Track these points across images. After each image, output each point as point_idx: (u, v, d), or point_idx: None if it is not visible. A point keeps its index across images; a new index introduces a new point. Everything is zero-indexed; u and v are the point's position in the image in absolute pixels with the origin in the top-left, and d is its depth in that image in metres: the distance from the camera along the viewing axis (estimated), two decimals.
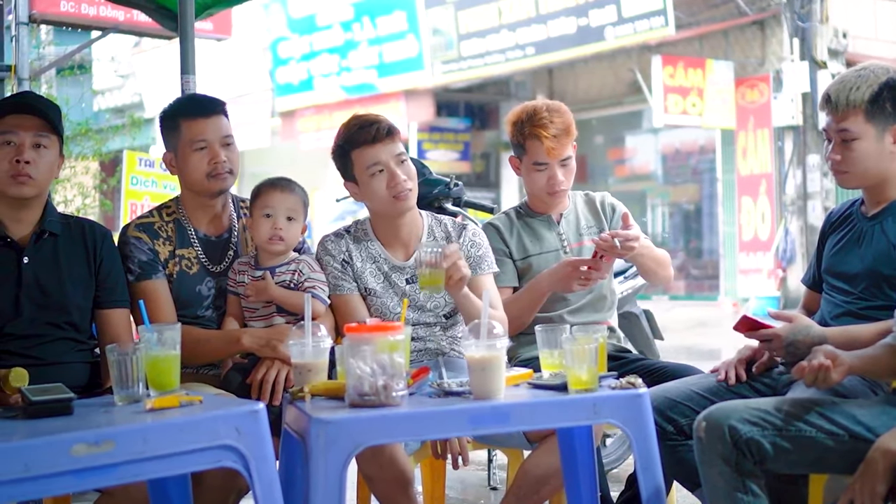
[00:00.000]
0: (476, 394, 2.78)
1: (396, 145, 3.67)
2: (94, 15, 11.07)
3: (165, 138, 3.79)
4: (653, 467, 2.87)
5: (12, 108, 3.43)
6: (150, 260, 3.64)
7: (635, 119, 19.76)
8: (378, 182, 3.63)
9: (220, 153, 3.68)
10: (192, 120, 3.70)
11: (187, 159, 3.69)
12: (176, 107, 3.83)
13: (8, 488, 2.28)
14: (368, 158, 3.63)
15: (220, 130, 3.71)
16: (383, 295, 3.72)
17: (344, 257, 3.73)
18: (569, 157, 4.01)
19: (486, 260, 3.78)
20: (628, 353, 4.17)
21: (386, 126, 3.65)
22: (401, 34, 19.69)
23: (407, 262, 3.74)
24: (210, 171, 3.67)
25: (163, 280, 3.65)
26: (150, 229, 3.70)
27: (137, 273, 3.61)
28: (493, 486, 5.18)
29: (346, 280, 3.71)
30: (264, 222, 3.64)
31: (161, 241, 3.68)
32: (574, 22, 17.06)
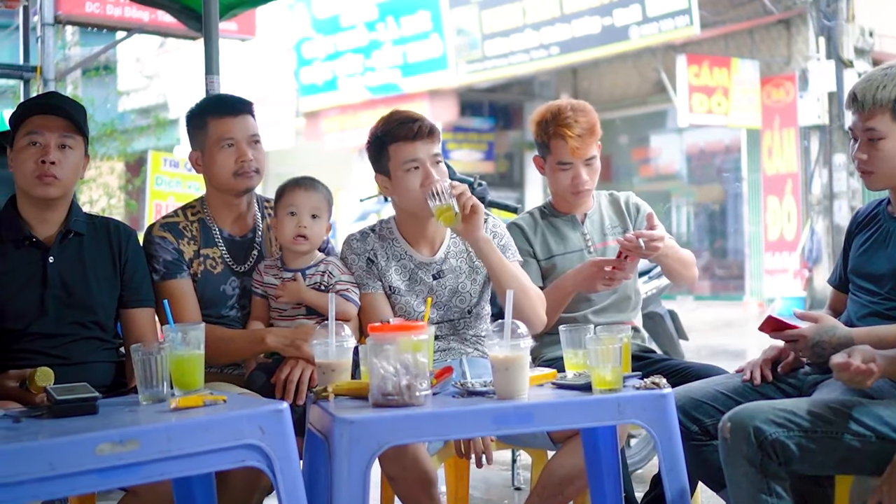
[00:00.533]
0: (500, 394, 2.78)
1: (435, 145, 3.67)
2: (118, 16, 11.14)
3: (192, 137, 3.80)
4: (677, 468, 2.86)
5: (38, 109, 3.44)
6: (175, 259, 3.65)
7: (660, 119, 19.71)
8: (412, 179, 3.63)
9: (248, 152, 3.69)
10: (221, 118, 3.72)
11: (214, 157, 3.70)
12: (204, 105, 3.85)
13: (33, 487, 2.30)
14: (406, 154, 3.63)
15: (247, 129, 3.73)
16: (407, 293, 3.72)
17: (369, 256, 3.73)
18: (593, 156, 4.00)
19: (509, 249, 3.77)
20: (653, 353, 4.16)
21: (428, 125, 3.65)
22: (425, 34, 19.69)
23: (433, 258, 3.74)
24: (237, 169, 3.68)
25: (187, 280, 3.65)
26: (174, 229, 3.71)
27: (162, 272, 3.62)
28: (517, 487, 5.18)
29: (371, 279, 3.71)
30: (288, 221, 3.64)
31: (186, 240, 3.69)
32: (598, 21, 17.03)
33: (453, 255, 3.76)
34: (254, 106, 3.83)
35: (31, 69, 8.19)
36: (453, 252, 3.77)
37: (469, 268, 3.77)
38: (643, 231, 3.80)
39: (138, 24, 11.07)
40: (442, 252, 3.76)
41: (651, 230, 3.79)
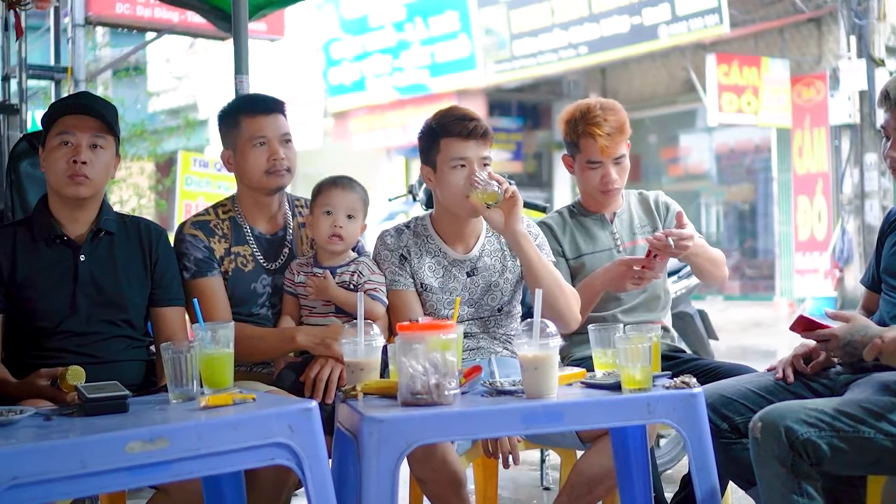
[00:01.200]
0: (528, 393, 2.78)
1: (486, 148, 3.67)
2: (148, 17, 11.17)
3: (224, 136, 3.82)
4: (708, 467, 2.85)
5: (70, 109, 3.46)
6: (206, 257, 3.66)
7: (689, 118, 19.62)
8: (457, 176, 3.64)
9: (279, 150, 3.70)
10: (253, 117, 3.73)
11: (246, 156, 3.71)
12: (237, 104, 3.87)
13: (64, 484, 2.31)
14: (456, 151, 3.64)
15: (279, 128, 3.74)
16: (440, 291, 3.72)
17: (402, 252, 3.74)
18: (622, 155, 3.99)
19: (543, 248, 3.77)
20: (682, 352, 4.14)
21: (483, 127, 3.66)
22: (453, 34, 19.68)
23: (467, 256, 3.75)
24: (269, 167, 3.69)
25: (218, 277, 3.67)
26: (205, 227, 3.72)
27: (193, 270, 3.64)
28: (546, 487, 5.17)
29: (403, 276, 3.72)
30: (324, 220, 3.66)
31: (216, 238, 3.71)
32: (627, 21, 16.97)
33: (487, 254, 3.76)
34: (285, 105, 3.84)
35: (62, 70, 8.22)
36: (487, 250, 3.77)
37: (502, 266, 3.77)
38: (672, 230, 3.78)
39: (168, 25, 11.10)
40: (476, 250, 3.77)
41: (680, 229, 3.78)
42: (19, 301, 3.36)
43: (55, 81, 8.30)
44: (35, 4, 6.73)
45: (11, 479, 2.22)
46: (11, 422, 2.54)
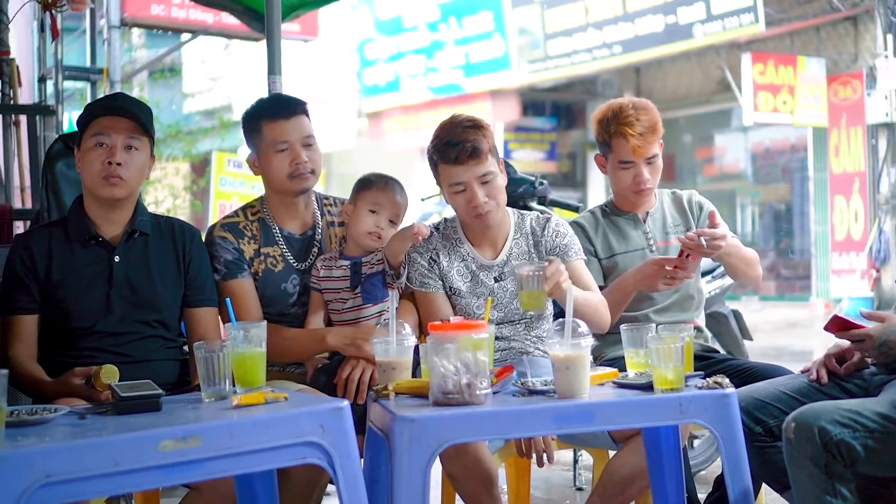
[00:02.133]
0: (560, 392, 2.77)
1: (482, 165, 3.60)
2: (183, 18, 11.23)
3: (248, 140, 3.84)
4: (741, 469, 2.83)
5: (105, 110, 3.47)
6: (236, 259, 3.68)
7: (724, 117, 19.53)
8: (459, 200, 3.65)
9: (302, 154, 3.70)
10: (273, 122, 3.73)
11: (270, 160, 3.72)
12: (257, 109, 3.84)
13: (98, 482, 2.33)
14: (451, 177, 3.63)
15: (300, 131, 3.73)
16: (468, 295, 3.72)
17: (431, 255, 3.74)
18: (655, 154, 3.97)
19: (573, 248, 3.76)
20: (716, 353, 4.12)
21: (469, 148, 3.58)
22: (487, 34, 19.68)
23: (495, 261, 3.74)
24: (292, 171, 3.70)
25: (248, 279, 3.69)
26: (234, 229, 3.74)
27: (223, 272, 3.66)
28: (579, 487, 5.16)
29: (433, 278, 3.72)
30: (368, 217, 3.68)
31: (246, 240, 3.72)
32: (662, 20, 16.91)
33: (515, 257, 3.76)
34: (307, 105, 3.83)
35: (97, 71, 8.30)
36: (515, 254, 3.76)
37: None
38: (705, 229, 3.76)
39: (202, 26, 11.16)
40: (504, 254, 3.76)
41: (713, 228, 3.76)
42: (55, 301, 3.39)
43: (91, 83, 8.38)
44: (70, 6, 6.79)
45: (45, 476, 2.24)
46: (45, 420, 2.56)
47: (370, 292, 3.69)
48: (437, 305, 3.71)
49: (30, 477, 2.23)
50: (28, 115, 6.78)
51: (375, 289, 3.68)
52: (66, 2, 6.74)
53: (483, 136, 3.62)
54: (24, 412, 2.60)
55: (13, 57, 6.69)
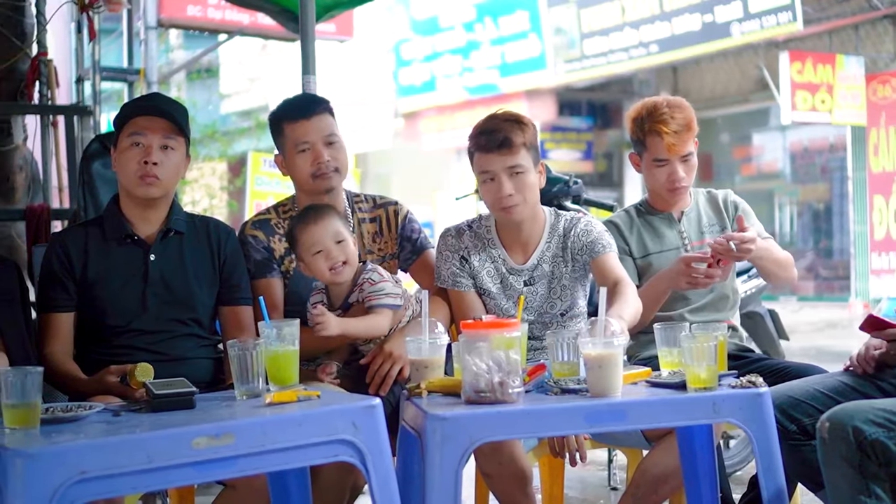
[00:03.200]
0: (593, 391, 2.76)
1: (512, 157, 3.59)
2: (219, 19, 11.28)
3: (275, 141, 3.86)
4: (774, 468, 2.81)
5: (141, 111, 3.50)
6: (264, 259, 3.69)
7: (762, 116, 19.41)
8: (487, 190, 3.64)
9: (323, 153, 3.70)
10: (294, 122, 3.74)
11: (293, 161, 3.74)
12: (279, 110, 3.84)
13: (132, 479, 2.35)
14: (481, 165, 3.64)
15: (322, 130, 3.73)
16: (498, 296, 3.72)
17: (463, 254, 3.74)
18: (690, 153, 3.95)
19: (600, 242, 3.69)
20: (751, 352, 4.09)
21: (500, 138, 3.58)
22: (523, 34, 19.66)
23: (524, 265, 3.74)
24: (314, 171, 3.70)
25: (277, 279, 3.69)
26: (266, 226, 3.75)
27: (253, 272, 3.67)
28: (614, 487, 5.14)
29: (464, 276, 3.73)
30: (318, 260, 3.51)
31: (277, 237, 3.73)
32: (699, 18, 16.82)
33: (546, 261, 3.74)
34: (331, 103, 3.83)
35: (134, 72, 8.36)
36: (546, 257, 3.75)
37: (560, 272, 3.74)
38: (734, 233, 3.72)
39: (238, 27, 11.20)
40: (535, 258, 3.74)
41: (742, 232, 3.72)
42: (91, 299, 3.42)
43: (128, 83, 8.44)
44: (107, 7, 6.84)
45: (80, 473, 2.26)
46: (80, 417, 2.58)
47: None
48: (469, 304, 3.70)
49: (64, 473, 2.25)
50: (66, 116, 6.84)
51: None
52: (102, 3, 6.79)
53: (521, 130, 3.61)
54: (59, 409, 2.63)
55: (51, 58, 6.75)
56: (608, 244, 3.71)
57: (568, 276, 3.73)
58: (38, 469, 2.23)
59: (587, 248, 3.69)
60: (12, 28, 6.52)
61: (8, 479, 2.22)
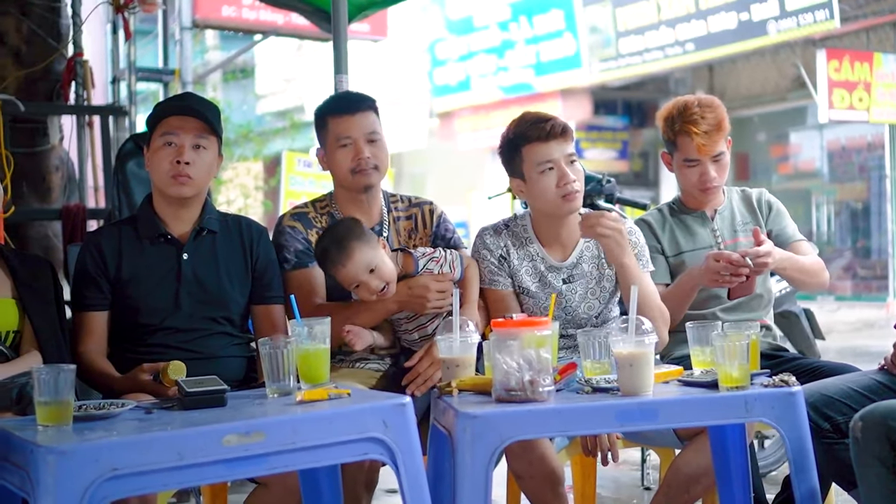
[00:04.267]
0: (624, 390, 2.75)
1: (569, 144, 3.64)
2: (254, 19, 11.32)
3: (318, 136, 3.88)
4: (807, 467, 2.79)
5: (174, 110, 3.52)
6: (306, 249, 3.70)
7: (799, 115, 19.27)
8: (547, 180, 3.61)
9: (364, 149, 3.71)
10: (338, 117, 3.76)
11: (334, 155, 3.75)
12: (324, 105, 3.88)
13: (163, 475, 2.36)
14: (540, 155, 3.61)
15: (365, 127, 3.75)
16: (537, 294, 3.71)
17: (501, 253, 3.74)
18: (721, 152, 3.93)
19: (643, 257, 3.73)
20: (785, 351, 4.06)
21: (561, 124, 3.62)
22: (558, 33, 19.61)
23: (564, 263, 3.73)
24: (354, 167, 3.71)
25: (318, 268, 3.71)
26: (304, 218, 3.77)
27: (294, 262, 3.68)
28: (647, 487, 5.13)
29: (502, 276, 3.72)
30: (361, 292, 3.54)
31: (315, 231, 3.75)
32: (735, 17, 16.73)
33: (586, 260, 3.74)
34: (376, 102, 3.84)
35: (169, 73, 8.41)
36: (586, 257, 3.75)
37: (599, 274, 3.74)
38: (748, 249, 3.71)
39: (273, 27, 11.24)
40: (574, 256, 3.74)
41: (758, 246, 3.71)
42: (124, 298, 3.44)
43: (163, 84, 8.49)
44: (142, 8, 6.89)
45: (111, 469, 2.28)
46: (112, 414, 2.60)
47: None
48: (505, 303, 3.70)
49: (96, 470, 2.26)
50: (101, 116, 6.90)
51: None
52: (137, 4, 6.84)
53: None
54: (92, 406, 2.64)
55: (86, 58, 6.81)
56: (647, 263, 3.73)
57: (608, 279, 3.73)
58: (70, 466, 2.24)
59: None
60: (48, 29, 6.59)
61: (40, 476, 2.23)
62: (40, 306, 3.35)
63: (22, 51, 6.56)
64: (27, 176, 6.55)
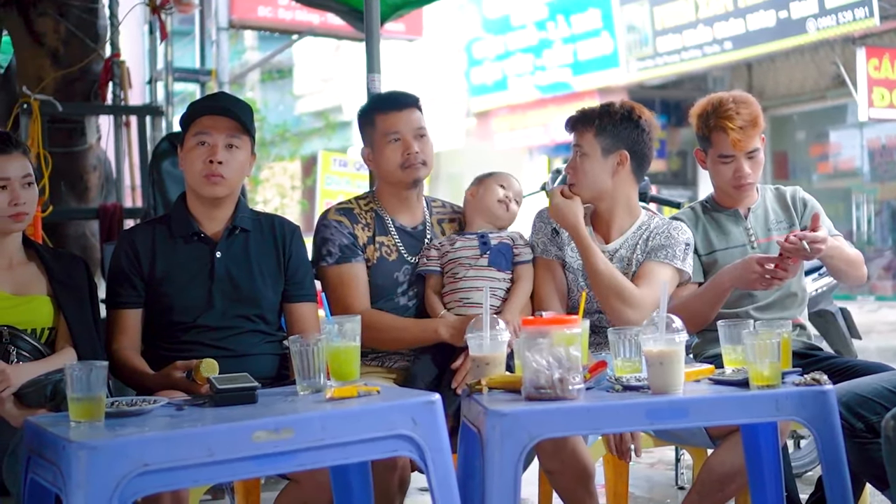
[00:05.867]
0: (654, 388, 2.75)
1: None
2: (290, 19, 11.37)
3: (362, 134, 3.91)
4: (839, 466, 2.77)
5: (206, 110, 3.54)
6: (351, 244, 3.73)
7: (839, 113, 19.11)
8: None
9: (413, 144, 3.75)
10: (386, 113, 3.80)
11: (382, 151, 3.77)
12: (371, 102, 3.97)
13: (193, 471, 2.39)
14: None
15: (413, 123, 3.80)
16: (576, 272, 3.78)
17: (554, 226, 3.83)
18: (756, 149, 3.90)
19: (664, 250, 3.73)
20: (819, 350, 4.03)
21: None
22: (595, 32, 19.55)
23: (607, 246, 3.80)
24: (403, 161, 3.75)
25: (361, 264, 3.73)
26: (350, 213, 3.80)
27: (338, 256, 3.71)
28: (681, 486, 5.11)
29: (553, 246, 3.83)
30: (499, 189, 3.89)
31: (360, 225, 3.78)
32: (774, 15, 16.62)
33: (627, 248, 3.79)
34: (420, 100, 3.89)
35: (206, 73, 8.47)
36: (629, 244, 3.79)
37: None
38: (806, 233, 3.66)
39: (309, 27, 11.28)
40: (618, 242, 3.81)
41: (815, 231, 3.67)
42: (158, 296, 3.46)
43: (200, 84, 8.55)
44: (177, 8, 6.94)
45: (143, 465, 2.30)
46: (144, 411, 2.62)
47: (497, 259, 3.77)
48: (552, 272, 3.80)
49: (128, 465, 2.29)
50: (138, 116, 6.96)
51: (502, 256, 3.78)
52: (173, 4, 6.89)
53: None
54: (124, 403, 2.67)
55: (124, 59, 6.87)
56: (673, 256, 3.73)
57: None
58: (102, 461, 2.27)
59: (652, 249, 3.70)
60: (86, 30, 6.65)
61: (72, 471, 2.26)
62: (75, 304, 3.38)
63: (60, 52, 6.62)
64: (65, 175, 6.62)
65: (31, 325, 3.31)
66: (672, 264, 3.72)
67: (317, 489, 3.07)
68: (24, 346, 3.24)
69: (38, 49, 6.60)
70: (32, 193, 3.37)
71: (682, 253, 3.76)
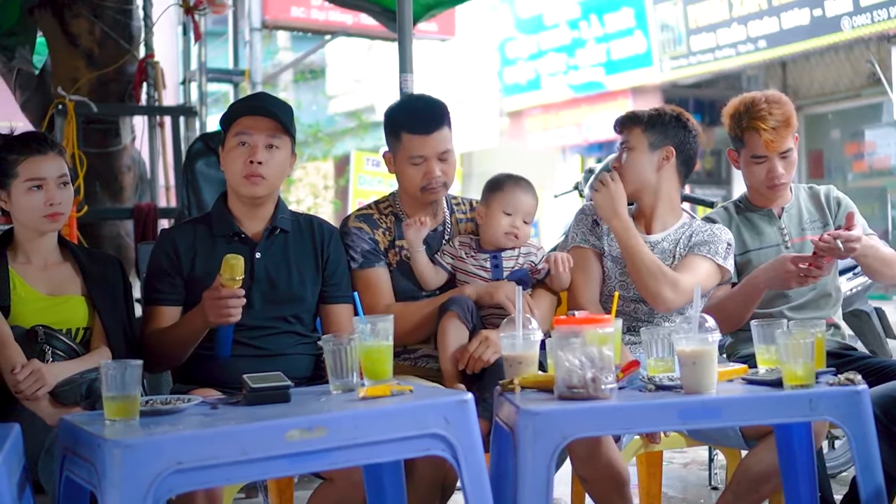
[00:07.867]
0: (687, 388, 2.74)
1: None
2: (323, 20, 11.38)
3: (388, 140, 3.87)
4: (873, 467, 2.75)
5: (247, 110, 3.55)
6: (373, 249, 3.73)
7: (874, 112, 18.94)
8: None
9: (435, 169, 3.71)
10: (414, 135, 3.72)
11: (404, 169, 3.75)
12: (400, 116, 3.83)
13: (226, 470, 2.40)
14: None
15: (438, 147, 3.72)
16: (618, 261, 3.80)
17: (595, 217, 3.88)
18: (789, 149, 3.89)
19: (706, 245, 3.74)
20: (853, 350, 4.00)
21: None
22: (628, 31, 19.48)
23: (649, 237, 3.82)
24: (424, 185, 3.72)
25: (384, 268, 3.73)
26: (370, 220, 3.79)
27: (360, 262, 3.71)
28: (714, 486, 5.08)
29: (593, 237, 3.87)
30: (503, 218, 3.73)
31: (381, 231, 3.77)
32: (808, 13, 16.50)
33: (669, 241, 3.80)
34: (449, 114, 3.81)
35: (239, 73, 8.50)
36: (671, 239, 3.81)
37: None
38: (841, 231, 3.64)
39: (342, 28, 11.29)
40: (659, 235, 3.81)
41: (849, 230, 3.64)
42: (197, 295, 3.46)
43: (234, 84, 8.58)
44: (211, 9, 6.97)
45: (176, 463, 2.31)
46: (178, 410, 2.64)
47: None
48: (589, 261, 3.82)
49: (161, 463, 2.31)
50: (172, 117, 7.00)
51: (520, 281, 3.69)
52: (206, 5, 6.93)
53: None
54: (159, 402, 2.69)
55: (157, 60, 6.91)
56: (713, 251, 3.72)
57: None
58: (136, 459, 2.28)
59: (694, 244, 3.70)
60: (120, 31, 6.69)
61: (107, 469, 2.28)
62: (110, 303, 3.41)
63: (94, 53, 6.66)
64: (100, 176, 6.67)
65: (66, 324, 3.34)
66: (714, 259, 3.71)
67: (351, 488, 3.08)
68: (59, 345, 3.26)
69: (72, 50, 6.65)
70: (68, 194, 3.40)
71: (724, 251, 3.75)
